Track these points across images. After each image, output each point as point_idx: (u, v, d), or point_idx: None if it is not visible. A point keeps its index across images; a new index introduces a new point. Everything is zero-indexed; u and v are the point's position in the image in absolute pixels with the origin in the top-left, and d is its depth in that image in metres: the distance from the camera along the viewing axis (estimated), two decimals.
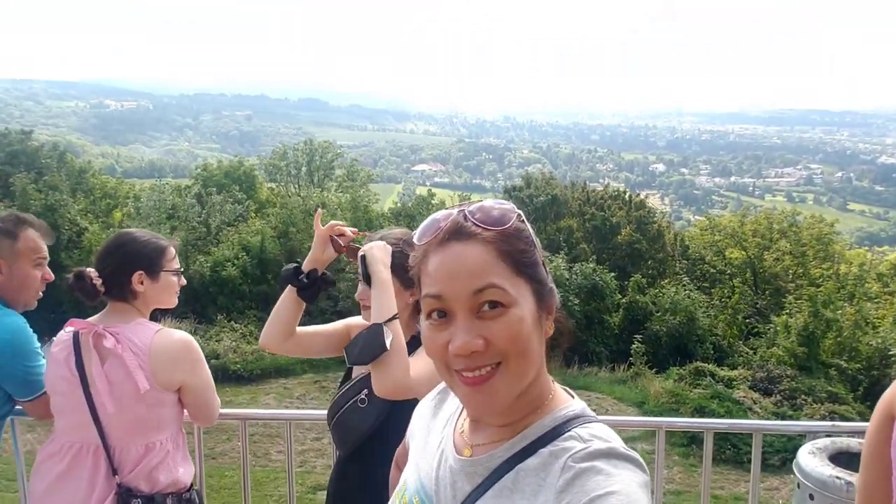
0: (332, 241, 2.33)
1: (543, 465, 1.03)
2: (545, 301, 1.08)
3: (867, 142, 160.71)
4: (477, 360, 1.01)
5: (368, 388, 2.06)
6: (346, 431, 2.18)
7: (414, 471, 1.24)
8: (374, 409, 2.12)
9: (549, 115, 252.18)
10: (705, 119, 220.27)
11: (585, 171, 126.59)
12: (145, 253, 2.39)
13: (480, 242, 1.04)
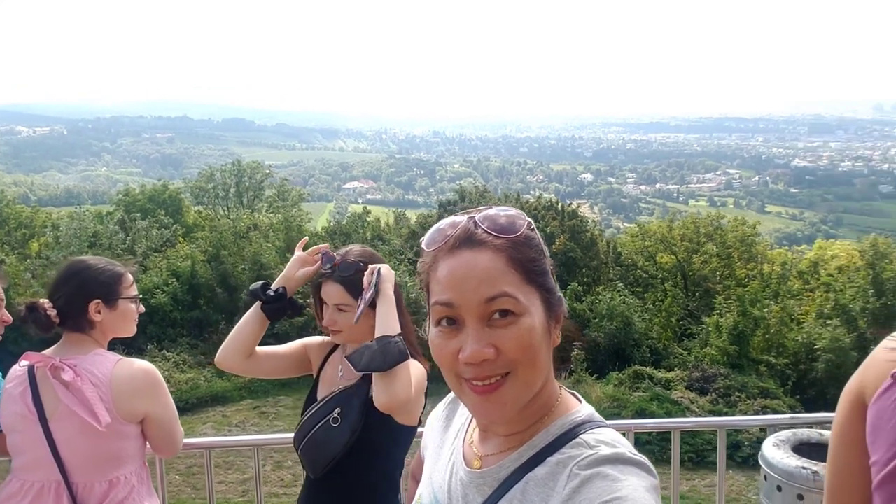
0: (323, 258, 2.32)
1: (551, 474, 1.02)
2: (554, 310, 1.07)
3: (781, 146, 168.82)
4: (487, 368, 1.00)
5: (341, 406, 2.14)
6: (320, 452, 2.16)
7: (428, 483, 1.24)
8: (349, 427, 2.13)
9: (478, 128, 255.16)
10: (629, 129, 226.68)
11: (516, 183, 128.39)
12: (101, 280, 2.29)
13: (491, 250, 1.03)
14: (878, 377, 1.21)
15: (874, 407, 1.20)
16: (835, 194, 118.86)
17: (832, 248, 35.00)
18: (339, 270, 2.25)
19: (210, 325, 25.07)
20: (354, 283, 2.22)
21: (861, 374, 1.28)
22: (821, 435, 2.95)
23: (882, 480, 1.16)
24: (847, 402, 1.29)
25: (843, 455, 1.29)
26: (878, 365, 1.23)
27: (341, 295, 2.23)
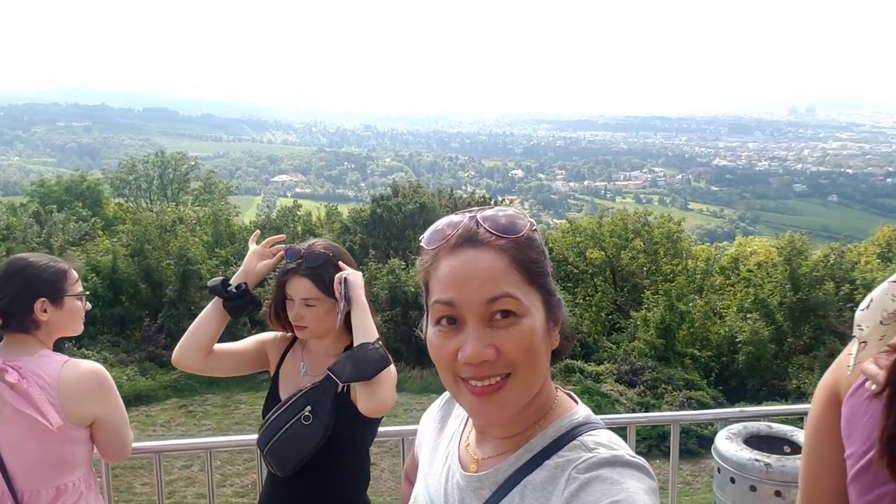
0: (287, 252, 2.27)
1: (550, 478, 1.01)
2: (554, 312, 1.06)
3: (702, 146, 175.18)
4: (487, 369, 0.99)
5: (311, 404, 2.12)
6: (291, 451, 2.12)
7: (423, 486, 1.22)
8: (321, 425, 2.11)
9: (410, 123, 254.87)
10: (558, 126, 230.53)
11: (448, 178, 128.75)
12: (45, 278, 2.17)
13: (494, 250, 1.02)
14: (855, 370, 1.22)
15: (848, 402, 1.24)
16: (752, 192, 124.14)
17: (751, 245, 36.43)
18: (307, 263, 2.20)
19: (132, 322, 24.19)
20: (322, 276, 2.19)
21: (835, 370, 1.31)
22: (769, 428, 2.99)
23: (857, 473, 1.19)
24: (822, 397, 1.32)
25: (819, 448, 1.31)
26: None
27: (309, 289, 2.19)
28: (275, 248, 2.38)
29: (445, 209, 32.56)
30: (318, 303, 2.19)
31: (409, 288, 24.49)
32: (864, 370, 1.19)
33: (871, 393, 1.17)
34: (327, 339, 2.29)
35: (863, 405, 1.20)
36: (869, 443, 1.17)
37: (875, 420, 1.16)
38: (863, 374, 1.20)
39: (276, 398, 2.26)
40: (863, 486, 1.18)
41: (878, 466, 1.13)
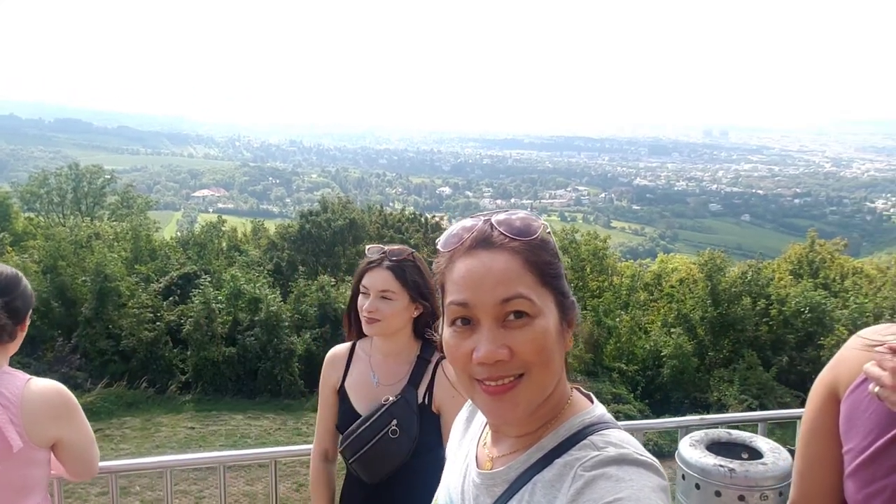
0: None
1: (559, 476, 1.03)
2: (567, 313, 1.08)
3: (624, 166, 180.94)
4: (500, 369, 1.01)
5: (397, 418, 2.19)
6: (382, 463, 2.21)
7: (444, 485, 1.26)
8: (409, 439, 2.19)
9: (336, 138, 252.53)
10: (485, 144, 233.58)
11: (375, 194, 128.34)
12: (30, 292, 2.09)
13: (508, 252, 1.04)
14: (851, 371, 1.31)
15: (849, 399, 1.31)
16: (672, 211, 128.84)
17: (672, 262, 37.61)
18: (389, 256, 2.25)
19: (45, 342, 22.91)
20: (404, 270, 2.22)
21: (833, 369, 1.38)
22: (729, 434, 3.02)
23: (858, 466, 1.26)
24: (819, 396, 1.39)
25: (816, 444, 1.38)
26: (850, 360, 1.33)
27: (388, 281, 2.22)
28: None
29: (376, 225, 32.42)
30: (395, 296, 2.21)
31: (339, 305, 24.10)
32: (868, 372, 1.25)
33: (874, 395, 1.23)
34: (398, 343, 2.31)
35: (864, 402, 1.27)
36: (871, 437, 1.24)
37: (878, 416, 1.24)
38: (866, 374, 1.25)
39: (352, 411, 2.30)
40: (863, 479, 1.25)
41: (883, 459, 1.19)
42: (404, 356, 2.31)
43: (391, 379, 2.28)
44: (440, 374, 2.27)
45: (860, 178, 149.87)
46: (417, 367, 2.28)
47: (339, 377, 2.39)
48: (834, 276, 28.99)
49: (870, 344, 1.30)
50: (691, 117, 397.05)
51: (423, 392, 2.26)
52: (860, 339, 1.35)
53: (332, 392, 2.40)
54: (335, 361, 2.42)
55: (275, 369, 22.23)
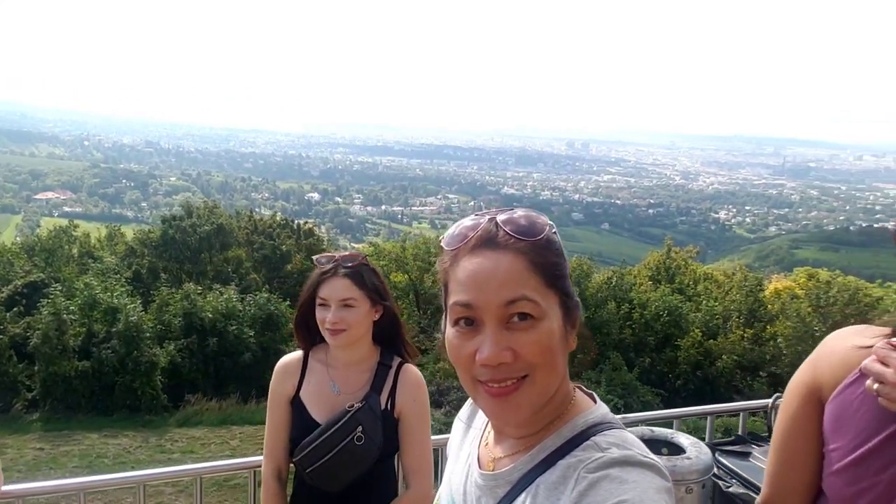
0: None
1: (562, 478, 1.02)
2: (571, 314, 1.07)
3: (492, 175, 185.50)
4: (504, 371, 1.00)
5: (362, 424, 2.15)
6: (345, 469, 2.17)
7: (447, 485, 1.25)
8: (374, 445, 2.17)
9: (197, 141, 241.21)
10: (355, 150, 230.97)
11: (240, 199, 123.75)
12: None
13: (513, 252, 1.03)
14: (836, 371, 1.35)
15: (837, 399, 1.33)
16: None
17: None
18: (343, 263, 2.20)
19: None
20: (362, 275, 2.19)
21: (812, 371, 1.40)
22: (652, 431, 3.01)
23: (849, 464, 1.29)
24: (799, 396, 1.41)
25: (793, 442, 1.41)
26: (834, 359, 1.36)
27: (349, 289, 2.17)
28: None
29: (245, 231, 31.21)
30: (357, 303, 2.17)
31: (206, 314, 22.95)
32: (868, 368, 1.27)
33: (874, 392, 1.25)
34: (360, 352, 2.27)
35: (856, 401, 1.30)
36: (864, 436, 1.27)
37: (870, 415, 1.27)
38: (865, 371, 1.28)
39: (310, 421, 2.23)
40: (854, 476, 1.29)
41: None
42: (365, 364, 2.28)
43: (352, 387, 2.25)
44: (402, 380, 2.27)
45: (706, 190, 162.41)
46: (379, 373, 2.26)
47: (293, 387, 2.30)
48: (688, 282, 31.06)
49: (862, 346, 1.32)
50: (556, 130, 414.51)
51: (385, 398, 2.24)
52: (841, 340, 1.39)
53: (285, 403, 2.30)
54: (288, 371, 2.33)
55: (134, 383, 20.97)
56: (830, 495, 1.37)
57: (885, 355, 1.26)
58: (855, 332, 1.40)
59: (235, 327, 22.87)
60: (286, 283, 28.52)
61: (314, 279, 2.22)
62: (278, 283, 28.32)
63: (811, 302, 24.85)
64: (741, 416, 3.20)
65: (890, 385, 1.23)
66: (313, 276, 2.24)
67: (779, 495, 1.47)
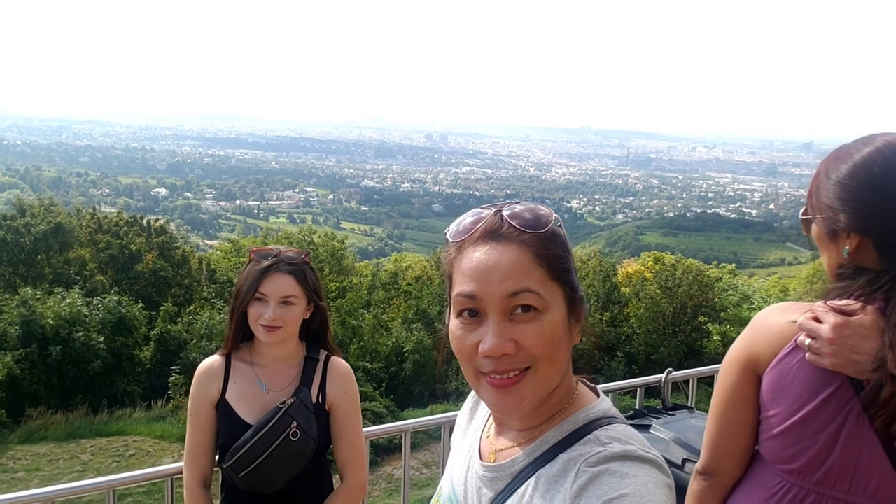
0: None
1: (562, 471, 1.02)
2: (576, 308, 1.07)
3: (351, 167, 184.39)
4: (506, 363, 1.01)
5: (297, 419, 2.11)
6: (282, 468, 2.13)
7: (448, 476, 1.26)
8: (311, 439, 2.14)
9: (23, 133, 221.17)
10: (205, 143, 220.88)
11: (77, 195, 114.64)
12: None
13: (517, 245, 1.03)
14: (772, 344, 1.45)
15: (775, 370, 1.44)
16: (398, 212, 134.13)
17: (406, 260, 39.01)
18: (286, 259, 2.15)
19: None
20: (304, 274, 2.17)
21: (748, 345, 1.50)
22: None
23: (788, 427, 1.41)
24: (735, 369, 1.52)
25: (732, 412, 1.52)
26: (770, 333, 1.46)
27: (291, 286, 2.13)
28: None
29: (88, 230, 28.91)
30: (297, 301, 2.15)
31: (46, 321, 21.01)
32: (804, 326, 1.39)
33: (806, 348, 1.38)
34: (288, 348, 2.23)
35: (792, 370, 1.41)
36: (801, 401, 1.39)
37: (806, 383, 1.39)
38: (801, 327, 1.39)
39: (240, 423, 2.16)
40: (793, 438, 1.41)
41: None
42: (292, 359, 2.25)
43: (281, 384, 2.21)
44: (331, 372, 2.25)
45: (558, 181, 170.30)
46: (307, 367, 2.23)
47: (217, 390, 2.22)
48: None
49: (796, 321, 1.41)
50: (414, 122, 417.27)
51: (315, 391, 2.22)
52: (775, 315, 1.48)
53: (209, 408, 2.22)
54: (210, 375, 2.24)
55: None
56: (769, 458, 1.48)
57: (821, 314, 1.37)
58: (789, 308, 1.48)
59: (82, 333, 21.10)
60: (137, 283, 26.73)
61: (256, 273, 2.14)
62: (128, 283, 26.48)
63: (659, 284, 26.59)
64: (638, 391, 3.32)
65: (822, 340, 1.34)
66: (252, 269, 2.15)
67: (718, 461, 1.56)
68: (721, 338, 22.73)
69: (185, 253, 29.06)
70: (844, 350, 1.33)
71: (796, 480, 1.43)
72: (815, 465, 1.39)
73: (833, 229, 1.47)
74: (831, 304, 1.38)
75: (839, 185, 1.45)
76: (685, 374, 3.37)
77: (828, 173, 1.49)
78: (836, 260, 1.48)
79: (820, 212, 1.50)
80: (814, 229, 1.54)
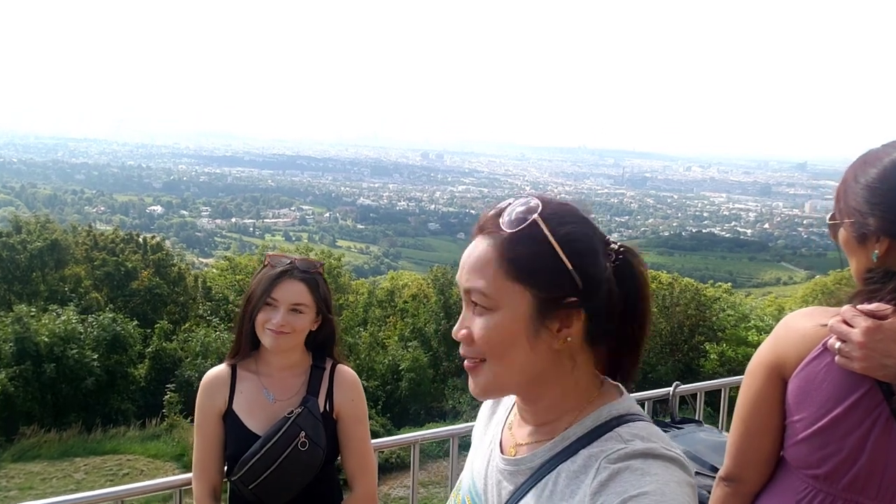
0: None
1: (583, 467, 1.03)
2: (550, 311, 1.03)
3: (348, 185, 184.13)
4: (466, 350, 1.07)
5: (305, 429, 2.10)
6: (292, 479, 2.11)
7: (469, 470, 1.26)
8: (320, 449, 2.13)
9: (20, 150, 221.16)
10: (201, 161, 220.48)
11: (72, 213, 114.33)
12: None
13: (489, 242, 1.06)
14: (799, 348, 1.44)
15: (802, 373, 1.43)
16: (394, 230, 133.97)
17: (402, 278, 38.94)
18: (300, 267, 2.16)
19: None
20: (317, 283, 2.17)
21: (773, 350, 1.50)
22: None
23: (815, 432, 1.39)
24: (761, 374, 1.51)
25: (757, 417, 1.51)
26: (796, 337, 1.45)
27: (301, 294, 2.13)
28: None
29: (84, 247, 28.88)
30: (307, 310, 2.14)
31: (41, 339, 20.92)
32: (833, 328, 1.37)
33: (836, 351, 1.36)
34: (294, 357, 2.23)
35: (820, 374, 1.40)
36: (829, 406, 1.37)
37: (833, 387, 1.37)
38: (831, 329, 1.38)
39: (248, 434, 2.15)
40: (820, 442, 1.39)
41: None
42: (298, 368, 2.24)
43: (287, 393, 2.21)
44: (338, 380, 2.25)
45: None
46: (313, 376, 2.23)
47: (223, 401, 2.21)
48: None
49: (823, 324, 1.41)
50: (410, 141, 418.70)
51: (323, 400, 2.21)
52: (802, 319, 1.47)
53: (216, 419, 2.21)
54: (216, 385, 2.23)
55: None
56: (795, 463, 1.46)
57: (851, 317, 1.36)
58: (815, 312, 1.47)
59: (76, 351, 21.00)
60: (132, 301, 26.64)
61: (269, 278, 2.14)
62: (123, 301, 26.40)
63: (657, 303, 26.55)
64: (646, 404, 3.30)
65: (852, 343, 1.33)
66: (266, 274, 2.16)
67: (743, 466, 1.55)
68: (718, 357, 22.70)
69: (181, 270, 28.99)
70: (875, 354, 1.32)
71: (822, 486, 1.42)
72: (843, 470, 1.38)
73: (862, 233, 1.46)
74: (862, 308, 1.37)
75: (868, 188, 1.45)
76: (693, 387, 3.37)
77: (856, 178, 1.49)
78: (865, 264, 1.47)
79: (848, 216, 1.49)
80: (841, 234, 1.53)
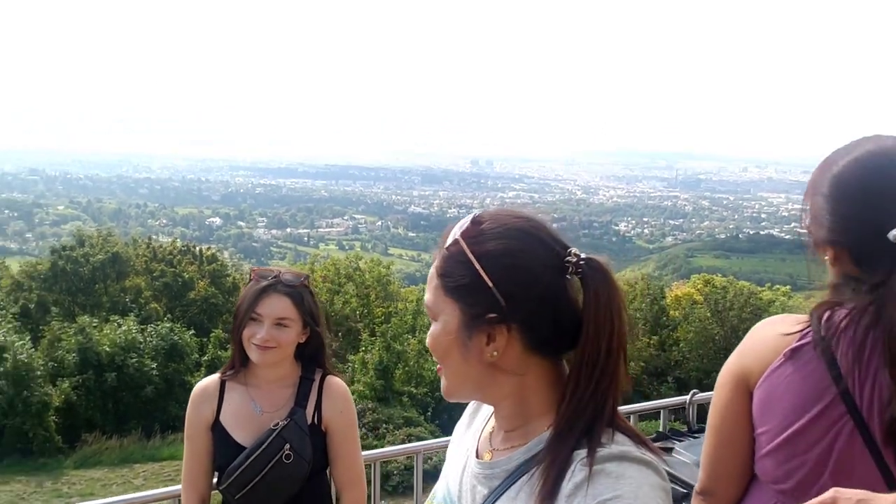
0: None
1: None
2: (475, 326, 1.04)
3: (398, 194, 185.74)
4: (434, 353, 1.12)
5: (290, 441, 2.11)
6: (275, 491, 2.13)
7: (444, 478, 1.26)
8: (305, 461, 2.14)
9: (86, 167, 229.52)
10: (257, 173, 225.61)
11: (136, 226, 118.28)
12: None
13: (437, 258, 1.11)
14: (762, 358, 1.40)
15: (765, 383, 1.39)
16: None
17: None
18: (284, 281, 2.16)
19: None
20: (302, 297, 2.17)
21: (740, 359, 1.47)
22: None
23: (779, 444, 1.36)
24: (729, 384, 1.47)
25: (729, 430, 1.47)
26: (760, 346, 1.42)
27: (286, 308, 2.13)
28: None
29: (143, 259, 29.86)
30: (292, 324, 2.14)
31: (102, 348, 21.73)
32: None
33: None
34: (282, 369, 2.22)
35: (781, 385, 1.36)
36: (791, 418, 1.34)
37: (795, 398, 1.34)
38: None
39: (235, 445, 2.17)
40: (784, 455, 1.36)
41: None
42: (287, 379, 2.24)
43: (275, 405, 2.20)
44: (327, 391, 2.25)
45: (606, 203, 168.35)
46: (301, 387, 2.23)
47: (212, 412, 2.23)
48: None
49: (786, 333, 1.38)
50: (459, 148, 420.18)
51: (311, 412, 2.21)
52: (766, 328, 1.45)
53: (204, 429, 2.23)
54: (205, 396, 2.26)
55: (25, 425, 19.66)
56: (764, 477, 1.43)
57: (824, 309, 1.34)
58: (778, 321, 1.45)
59: (136, 360, 21.77)
60: (189, 311, 27.44)
61: (253, 293, 2.16)
62: (181, 311, 27.22)
63: (710, 307, 26.05)
64: (662, 413, 3.25)
65: None
66: (251, 289, 2.18)
67: (716, 481, 1.52)
68: None
69: (236, 280, 29.71)
70: None
71: (790, 501, 1.38)
72: (808, 484, 1.34)
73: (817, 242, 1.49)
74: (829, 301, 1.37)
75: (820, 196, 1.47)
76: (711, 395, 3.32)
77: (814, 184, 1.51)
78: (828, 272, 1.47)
79: (806, 225, 1.53)
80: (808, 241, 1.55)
